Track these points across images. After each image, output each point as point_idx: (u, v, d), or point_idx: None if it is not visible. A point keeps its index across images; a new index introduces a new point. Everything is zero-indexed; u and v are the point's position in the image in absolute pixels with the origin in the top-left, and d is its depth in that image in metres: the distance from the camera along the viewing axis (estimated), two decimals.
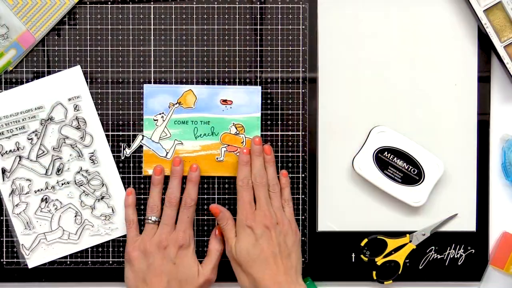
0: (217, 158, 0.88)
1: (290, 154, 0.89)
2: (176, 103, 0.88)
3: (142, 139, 0.88)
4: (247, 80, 0.89)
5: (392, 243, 0.90)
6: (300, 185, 0.90)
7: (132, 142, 0.88)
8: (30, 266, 0.89)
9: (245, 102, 0.88)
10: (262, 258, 0.81)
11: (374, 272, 0.90)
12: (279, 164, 0.90)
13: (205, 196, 0.89)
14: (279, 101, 0.89)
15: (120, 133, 0.89)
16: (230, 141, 0.88)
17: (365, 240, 0.90)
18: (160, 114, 0.88)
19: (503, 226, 0.91)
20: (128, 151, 0.89)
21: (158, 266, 0.83)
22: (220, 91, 0.88)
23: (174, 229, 0.85)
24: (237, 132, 0.88)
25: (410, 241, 0.90)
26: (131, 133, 0.88)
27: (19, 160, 0.88)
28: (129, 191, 0.88)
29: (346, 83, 0.89)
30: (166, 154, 0.88)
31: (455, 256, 0.90)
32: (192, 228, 0.86)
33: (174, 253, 0.83)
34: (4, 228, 0.89)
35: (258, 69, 0.89)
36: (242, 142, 0.88)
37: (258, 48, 0.89)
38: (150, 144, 0.88)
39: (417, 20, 0.89)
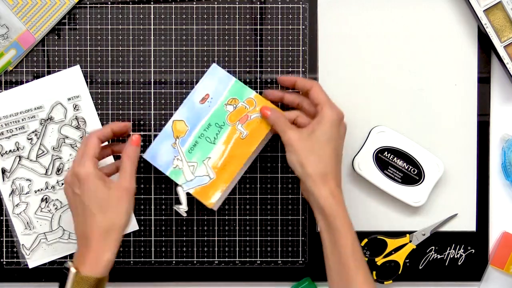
0: (242, 137, 0.85)
1: None
2: (176, 140, 0.85)
3: (184, 189, 0.84)
4: (247, 80, 0.89)
5: (392, 243, 0.90)
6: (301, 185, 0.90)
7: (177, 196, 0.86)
8: (30, 266, 0.89)
9: (215, 84, 0.85)
10: (335, 147, 0.80)
11: (374, 272, 0.90)
12: (279, 164, 0.90)
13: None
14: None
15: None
16: (237, 116, 0.85)
17: (365, 240, 0.90)
18: (174, 162, 0.84)
19: (503, 226, 0.91)
20: None
21: (70, 202, 0.80)
22: (191, 97, 0.85)
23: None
24: (235, 105, 0.86)
25: (410, 241, 0.90)
26: (131, 133, 0.88)
27: (19, 160, 0.88)
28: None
29: (346, 83, 0.89)
30: (207, 173, 0.85)
31: (455, 256, 0.90)
32: (93, 160, 0.79)
33: (76, 184, 0.78)
34: (4, 228, 0.89)
35: (258, 69, 0.89)
36: (245, 108, 0.85)
37: (258, 48, 0.89)
38: (188, 184, 0.85)
39: (417, 20, 0.89)
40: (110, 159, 0.87)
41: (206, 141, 0.84)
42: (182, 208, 0.84)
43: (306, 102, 0.83)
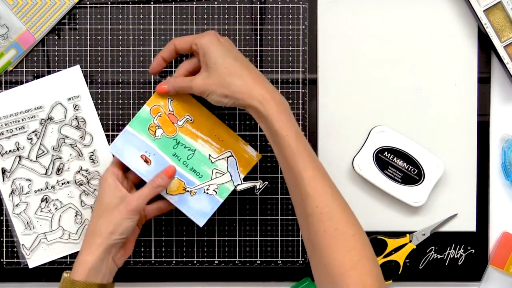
0: (192, 121, 0.83)
1: None
2: (189, 189, 0.83)
3: (240, 185, 0.85)
4: None
5: (392, 243, 0.90)
6: None
7: None
8: (30, 266, 0.89)
9: (133, 146, 0.82)
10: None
11: None
12: (279, 164, 0.89)
13: None
14: None
15: (120, 133, 0.89)
16: (169, 125, 0.83)
17: None
18: (211, 191, 0.83)
19: (503, 226, 0.91)
20: None
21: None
22: (140, 173, 0.82)
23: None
24: (157, 127, 0.82)
25: (410, 241, 0.90)
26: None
27: (19, 160, 0.88)
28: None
29: (346, 83, 0.89)
30: (226, 157, 0.85)
31: (455, 256, 0.90)
32: (113, 169, 0.82)
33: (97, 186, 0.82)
34: (4, 228, 0.89)
35: (258, 69, 0.89)
36: (161, 117, 0.83)
37: (258, 48, 0.89)
38: (235, 179, 0.85)
39: (417, 20, 0.89)
40: None
41: (192, 158, 0.83)
42: (259, 185, 0.85)
43: (177, 42, 0.81)
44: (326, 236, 0.71)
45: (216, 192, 0.83)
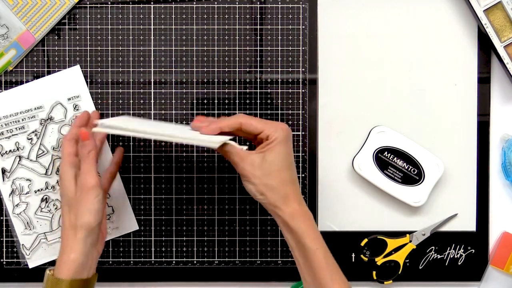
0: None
1: None
2: None
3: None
4: (247, 80, 0.89)
5: (392, 243, 0.90)
6: (300, 185, 0.90)
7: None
8: (30, 266, 0.89)
9: None
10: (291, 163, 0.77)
11: (374, 272, 0.90)
12: None
13: (205, 196, 0.89)
14: (279, 101, 0.89)
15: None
16: None
17: (365, 240, 0.90)
18: None
19: (503, 226, 0.91)
20: None
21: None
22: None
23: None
24: None
25: (410, 241, 0.90)
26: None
27: (19, 160, 0.88)
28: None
29: (346, 83, 0.89)
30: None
31: (455, 256, 0.90)
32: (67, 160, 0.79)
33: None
34: (4, 228, 0.89)
35: (258, 69, 0.89)
36: None
37: (258, 48, 0.89)
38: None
39: (417, 20, 0.89)
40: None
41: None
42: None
43: (244, 123, 0.77)
44: None
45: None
